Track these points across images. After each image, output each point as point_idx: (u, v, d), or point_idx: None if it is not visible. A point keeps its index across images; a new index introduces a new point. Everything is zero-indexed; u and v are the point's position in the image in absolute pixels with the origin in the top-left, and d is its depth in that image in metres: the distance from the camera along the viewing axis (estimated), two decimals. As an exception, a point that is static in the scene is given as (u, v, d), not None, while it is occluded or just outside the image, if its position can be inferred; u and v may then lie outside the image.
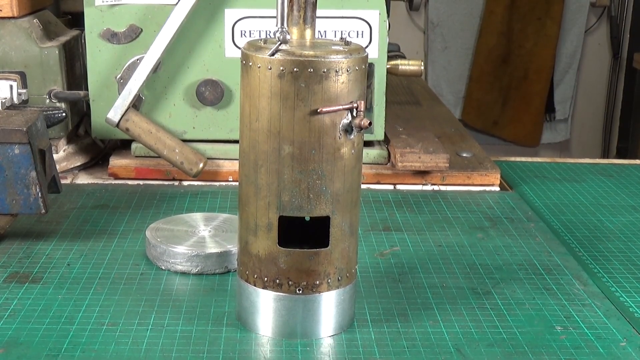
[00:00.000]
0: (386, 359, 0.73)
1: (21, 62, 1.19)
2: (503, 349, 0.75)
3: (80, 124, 1.33)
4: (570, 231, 1.07)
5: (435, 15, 3.75)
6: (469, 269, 0.93)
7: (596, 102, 3.96)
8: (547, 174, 1.31)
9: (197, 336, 0.76)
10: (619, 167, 1.36)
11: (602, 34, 3.89)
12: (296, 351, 0.74)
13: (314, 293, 0.75)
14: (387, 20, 1.20)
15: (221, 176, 1.21)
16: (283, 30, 0.71)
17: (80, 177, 1.23)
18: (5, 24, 1.18)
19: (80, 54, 1.31)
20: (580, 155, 3.83)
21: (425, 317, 0.81)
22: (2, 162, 0.89)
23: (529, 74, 3.72)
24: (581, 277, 0.92)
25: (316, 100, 0.70)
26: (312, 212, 0.73)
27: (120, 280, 0.88)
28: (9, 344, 0.74)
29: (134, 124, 1.15)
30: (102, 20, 1.18)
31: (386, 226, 1.06)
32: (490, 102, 3.78)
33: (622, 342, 0.78)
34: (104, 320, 0.79)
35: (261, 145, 0.72)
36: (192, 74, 1.20)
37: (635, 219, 1.12)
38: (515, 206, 1.15)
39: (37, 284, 0.86)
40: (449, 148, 1.31)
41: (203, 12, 1.17)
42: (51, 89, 1.20)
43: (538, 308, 0.84)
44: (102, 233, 1.00)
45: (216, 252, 0.90)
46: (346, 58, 0.71)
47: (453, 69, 3.82)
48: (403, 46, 1.78)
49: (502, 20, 3.68)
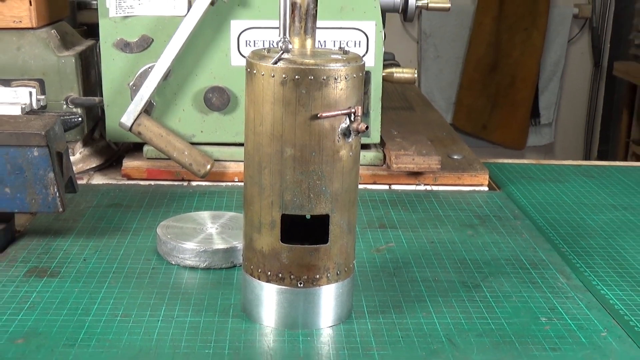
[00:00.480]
0: (382, 348, 0.73)
1: (40, 70, 1.19)
2: (491, 339, 0.75)
3: (95, 128, 1.33)
4: (554, 228, 1.07)
5: (428, 26, 3.75)
6: (459, 264, 0.93)
7: (578, 108, 3.97)
8: (532, 175, 1.31)
9: (205, 327, 0.76)
10: (599, 169, 1.36)
11: (584, 44, 3.89)
12: (297, 341, 0.74)
13: (314, 286, 0.75)
14: (383, 31, 1.20)
15: (227, 177, 1.21)
16: (285, 40, 0.71)
17: (95, 178, 1.23)
18: (24, 34, 1.18)
19: (95, 63, 1.31)
20: (564, 158, 3.83)
21: (419, 309, 0.81)
22: (22, 164, 0.89)
23: (515, 82, 3.72)
24: (564, 271, 0.92)
25: (316, 106, 0.70)
26: (312, 211, 0.73)
27: (132, 275, 0.88)
28: (29, 334, 0.74)
29: (145, 128, 1.15)
30: (116, 31, 1.18)
31: (382, 224, 1.06)
32: (479, 108, 3.78)
33: (602, 332, 0.78)
34: (118, 312, 0.79)
35: (265, 148, 0.72)
36: (200, 81, 1.20)
37: (615, 217, 1.12)
38: (502, 205, 1.15)
39: (55, 278, 0.86)
40: (441, 150, 1.31)
41: (210, 23, 1.17)
42: (68, 96, 1.20)
43: (524, 300, 0.84)
44: (115, 230, 1.00)
45: (223, 248, 0.90)
46: (344, 66, 0.71)
47: (444, 76, 3.82)
48: (398, 55, 1.78)
49: (490, 31, 3.68)
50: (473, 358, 0.72)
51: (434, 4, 1.25)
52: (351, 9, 1.18)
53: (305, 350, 0.72)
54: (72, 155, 1.22)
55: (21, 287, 0.84)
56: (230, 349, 0.72)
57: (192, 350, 0.72)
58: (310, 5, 0.72)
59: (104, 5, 1.17)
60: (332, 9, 1.17)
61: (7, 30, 1.18)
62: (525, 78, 3.71)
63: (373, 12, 1.18)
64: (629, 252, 0.99)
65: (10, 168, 0.89)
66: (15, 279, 0.86)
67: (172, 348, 0.72)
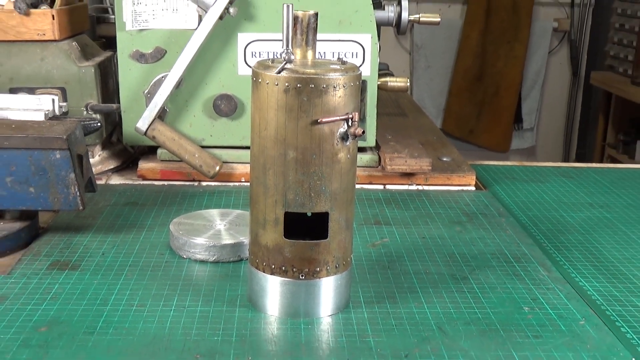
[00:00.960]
0: (377, 335, 0.73)
1: (62, 79, 1.18)
2: (478, 327, 0.75)
3: (113, 132, 1.33)
4: (536, 225, 1.07)
5: (419, 38, 3.75)
6: (448, 258, 0.93)
7: (558, 114, 3.97)
8: (515, 176, 1.31)
9: (214, 316, 0.76)
10: (578, 170, 1.36)
11: (563, 55, 3.89)
12: (299, 329, 0.74)
13: (314, 278, 0.75)
14: (378, 43, 1.20)
15: (235, 177, 1.21)
16: (288, 52, 0.71)
17: (113, 179, 1.23)
18: (48, 46, 1.18)
19: (113, 72, 1.31)
20: (545, 160, 3.83)
21: (411, 299, 0.81)
22: (46, 166, 0.89)
23: (499, 90, 3.72)
24: (545, 264, 0.92)
25: (316, 112, 0.70)
26: (313, 209, 0.73)
27: (147, 268, 0.88)
28: (51, 323, 0.74)
29: (159, 132, 1.15)
30: (132, 43, 1.18)
31: (377, 221, 1.06)
32: (466, 114, 3.78)
33: (581, 320, 0.78)
34: (134, 302, 0.79)
35: (269, 151, 0.72)
36: (210, 89, 1.20)
37: (592, 215, 1.12)
38: (488, 203, 1.14)
39: (76, 271, 0.86)
40: (431, 153, 1.31)
41: (219, 35, 1.17)
42: (88, 103, 1.20)
43: (508, 291, 0.84)
44: (131, 227, 1.00)
45: (230, 243, 0.90)
46: (342, 75, 0.71)
47: (435, 85, 3.82)
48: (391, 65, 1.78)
49: (476, 44, 3.68)
50: (461, 345, 0.72)
51: (424, 18, 1.25)
52: (349, 23, 1.18)
53: (307, 338, 0.72)
54: (92, 157, 1.22)
55: (44, 279, 0.84)
56: (237, 336, 0.72)
57: (202, 337, 0.72)
58: (311, 19, 0.72)
59: (121, 19, 1.17)
60: (331, 23, 1.17)
61: (32, 43, 1.18)
62: (508, 87, 3.72)
63: (369, 25, 1.18)
64: (605, 247, 0.99)
65: (34, 169, 0.89)
66: (39, 271, 0.86)
67: (184, 335, 0.72)
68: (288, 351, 0.70)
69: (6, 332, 0.72)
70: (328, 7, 1.16)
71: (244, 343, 0.71)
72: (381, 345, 0.71)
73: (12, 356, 0.68)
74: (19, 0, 1.17)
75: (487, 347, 0.71)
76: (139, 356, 0.68)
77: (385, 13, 1.23)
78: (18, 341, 0.70)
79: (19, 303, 0.78)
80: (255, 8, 1.17)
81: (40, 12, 1.18)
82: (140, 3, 1.16)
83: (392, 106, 1.73)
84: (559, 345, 0.72)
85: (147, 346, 0.70)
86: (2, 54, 1.17)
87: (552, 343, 0.73)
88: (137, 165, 1.23)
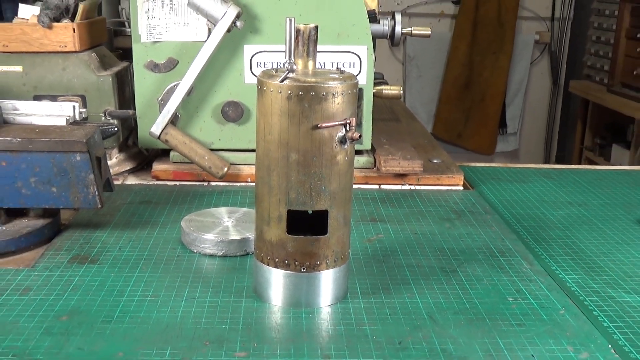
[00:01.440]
0: (373, 324, 0.73)
1: (82, 87, 1.18)
2: (466, 316, 0.75)
3: (129, 136, 1.33)
4: (519, 222, 1.06)
5: (412, 50, 3.75)
6: (438, 252, 0.93)
7: (539, 120, 3.97)
8: (500, 177, 1.31)
9: (222, 306, 0.76)
10: (558, 171, 1.36)
11: (544, 66, 3.89)
12: (301, 318, 0.74)
13: (315, 271, 0.75)
14: (373, 54, 1.20)
15: (241, 178, 1.21)
16: (290, 62, 0.71)
17: (129, 179, 1.22)
18: (69, 57, 1.18)
19: (129, 81, 1.31)
20: (527, 162, 3.83)
21: (404, 291, 0.81)
22: (67, 167, 0.89)
23: (485, 97, 3.72)
24: (528, 258, 0.92)
25: (317, 117, 0.70)
26: (313, 207, 0.73)
27: (160, 261, 0.87)
28: (72, 312, 0.74)
29: (172, 136, 1.14)
30: (147, 54, 1.18)
31: (373, 218, 1.05)
32: (455, 120, 3.78)
33: (561, 310, 0.78)
34: (148, 293, 0.79)
35: (273, 153, 0.72)
36: (218, 97, 1.20)
37: (571, 212, 1.12)
38: (475, 202, 1.14)
39: (95, 264, 0.86)
40: (423, 156, 1.31)
41: (227, 47, 1.17)
42: (106, 109, 1.20)
43: (494, 283, 0.84)
44: (146, 223, 1.00)
45: (237, 238, 0.89)
46: (341, 84, 0.70)
47: (426, 93, 3.82)
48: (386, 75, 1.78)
49: (464, 55, 3.68)
50: (450, 332, 0.72)
51: (416, 31, 1.25)
52: (346, 36, 1.17)
53: (308, 326, 0.72)
54: (109, 159, 1.22)
55: (65, 272, 0.83)
56: (244, 324, 0.72)
57: (211, 325, 0.72)
58: (311, 32, 0.72)
59: (136, 32, 1.17)
60: (330, 35, 1.17)
61: (54, 54, 1.18)
62: (494, 94, 3.71)
63: (365, 38, 1.18)
64: (583, 242, 0.99)
65: (56, 170, 0.89)
66: (60, 265, 0.85)
67: (194, 324, 0.72)
68: (290, 338, 0.70)
69: (30, 320, 0.72)
70: (327, 20, 1.16)
71: (250, 331, 0.71)
72: (376, 333, 0.71)
73: (35, 343, 0.67)
74: (43, 15, 1.17)
75: (474, 335, 0.71)
76: (153, 343, 0.68)
77: (380, 26, 1.23)
78: (41, 329, 0.70)
79: (42, 294, 0.78)
80: (260, 21, 1.17)
81: (62, 25, 1.18)
82: (154, 17, 1.16)
83: (387, 112, 1.73)
84: (541, 332, 0.72)
85: (160, 334, 0.70)
86: (27, 64, 1.17)
87: (534, 331, 0.73)
88: (151, 167, 1.22)
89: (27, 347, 0.67)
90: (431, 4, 3.72)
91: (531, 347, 0.69)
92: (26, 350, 0.66)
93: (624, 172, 1.36)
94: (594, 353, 0.69)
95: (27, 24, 1.18)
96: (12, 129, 0.92)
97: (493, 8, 3.61)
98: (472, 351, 0.68)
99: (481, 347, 0.69)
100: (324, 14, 1.16)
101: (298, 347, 0.68)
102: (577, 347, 0.70)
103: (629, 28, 2.96)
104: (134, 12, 1.16)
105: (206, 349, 0.67)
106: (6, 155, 0.88)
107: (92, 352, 0.66)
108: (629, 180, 1.31)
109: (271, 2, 1.16)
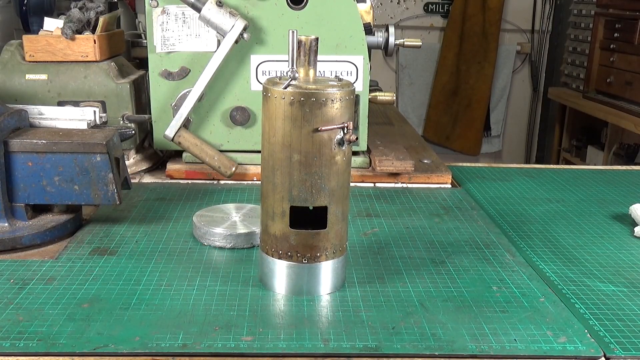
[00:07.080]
0: (368, 310, 0.73)
1: (102, 94, 1.18)
2: (454, 304, 0.75)
3: (145, 139, 1.33)
4: (503, 217, 1.06)
5: (404, 59, 3.75)
6: (428, 245, 0.93)
7: (521, 123, 3.97)
8: (485, 176, 1.31)
9: (230, 294, 0.76)
10: (538, 170, 1.36)
11: (525, 74, 3.89)
12: (302, 305, 0.74)
13: (315, 262, 0.75)
14: (369, 63, 1.20)
15: (248, 177, 1.21)
16: (293, 70, 0.71)
17: (145, 178, 1.22)
18: (90, 66, 1.18)
19: (145, 88, 1.31)
20: (510, 162, 3.83)
21: (397, 280, 0.81)
22: (88, 167, 0.89)
23: (471, 103, 3.72)
24: (510, 250, 0.92)
25: (317, 121, 0.70)
26: (314, 203, 0.73)
27: (174, 253, 0.87)
28: (92, 300, 0.73)
29: (184, 138, 1.14)
30: (161, 63, 1.18)
31: (368, 213, 1.05)
32: (444, 123, 3.78)
33: (541, 298, 0.77)
34: (162, 283, 0.78)
35: (277, 154, 0.72)
36: (227, 102, 1.20)
37: (550, 208, 1.11)
38: (462, 199, 1.14)
39: (113, 256, 0.86)
40: (414, 156, 1.31)
41: (235, 57, 1.17)
42: (124, 114, 1.20)
43: (479, 273, 0.84)
44: (160, 218, 1.00)
45: (244, 232, 0.89)
46: (339, 90, 0.70)
47: (417, 98, 3.82)
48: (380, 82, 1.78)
49: (452, 64, 3.68)
50: (440, 318, 0.72)
51: (408, 42, 1.25)
52: (344, 46, 1.17)
53: (309, 312, 0.72)
54: (127, 160, 1.22)
55: (87, 263, 0.83)
56: (250, 311, 0.72)
57: (220, 312, 0.71)
58: (312, 43, 0.72)
59: (152, 43, 1.17)
60: (329, 46, 1.17)
61: (77, 63, 1.18)
62: (479, 100, 3.71)
63: (361, 48, 1.18)
64: (561, 235, 0.99)
65: (78, 170, 0.89)
66: (82, 256, 0.85)
67: (205, 310, 0.72)
68: (293, 324, 0.70)
69: (54, 307, 0.71)
70: (327, 32, 1.16)
71: (256, 317, 0.71)
72: (372, 319, 0.71)
73: (59, 328, 0.67)
74: (66, 27, 1.17)
75: (462, 321, 0.71)
76: (167, 328, 0.68)
77: (375, 38, 1.23)
78: (64, 315, 0.70)
79: (65, 283, 0.77)
80: (266, 34, 1.16)
81: (84, 37, 1.18)
82: (168, 29, 1.16)
83: (381, 116, 1.73)
84: (523, 319, 0.72)
85: (173, 319, 0.70)
86: (51, 72, 1.17)
87: (517, 317, 0.72)
88: (165, 167, 1.22)
89: (52, 332, 0.67)
90: (422, 17, 3.72)
91: (514, 331, 0.69)
92: (50, 334, 0.66)
93: (598, 172, 1.36)
94: (571, 337, 0.69)
95: (52, 36, 1.17)
96: (37, 132, 0.92)
97: (478, 21, 3.61)
98: (459, 335, 0.68)
99: (468, 332, 0.69)
100: (323, 26, 1.16)
101: (300, 331, 0.68)
102: (556, 332, 0.70)
103: (603, 40, 2.96)
104: (149, 25, 1.16)
105: (216, 333, 0.67)
106: (32, 156, 0.88)
107: (111, 336, 0.66)
108: (603, 178, 1.31)
109: (275, 16, 1.15)
